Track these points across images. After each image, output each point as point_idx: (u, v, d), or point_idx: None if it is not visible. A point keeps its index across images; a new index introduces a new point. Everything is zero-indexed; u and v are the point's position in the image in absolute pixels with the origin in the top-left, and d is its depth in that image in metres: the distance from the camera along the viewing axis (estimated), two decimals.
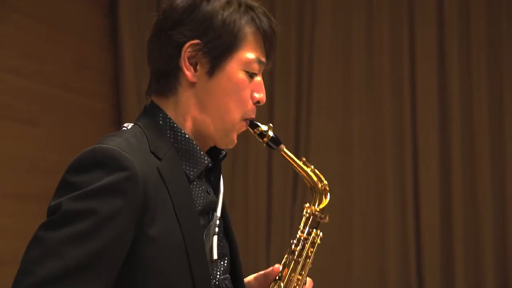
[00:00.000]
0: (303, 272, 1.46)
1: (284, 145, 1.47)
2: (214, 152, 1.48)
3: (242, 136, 1.49)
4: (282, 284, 1.44)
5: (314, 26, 4.12)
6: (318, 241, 1.48)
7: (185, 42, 1.37)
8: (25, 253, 1.22)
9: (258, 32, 1.42)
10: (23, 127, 3.26)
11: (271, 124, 1.47)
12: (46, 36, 3.44)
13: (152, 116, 1.40)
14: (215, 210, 1.42)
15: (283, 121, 4.07)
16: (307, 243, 1.47)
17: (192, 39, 1.37)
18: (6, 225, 3.06)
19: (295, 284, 1.46)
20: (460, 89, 3.91)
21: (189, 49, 1.37)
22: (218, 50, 1.38)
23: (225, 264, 1.44)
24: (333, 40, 4.11)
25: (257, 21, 1.42)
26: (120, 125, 1.42)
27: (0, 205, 3.08)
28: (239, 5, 1.41)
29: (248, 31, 1.41)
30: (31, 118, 3.32)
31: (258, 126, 1.46)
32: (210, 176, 1.47)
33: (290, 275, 1.46)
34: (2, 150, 3.10)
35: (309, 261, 1.47)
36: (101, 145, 1.27)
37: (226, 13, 1.39)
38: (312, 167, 1.52)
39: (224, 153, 1.49)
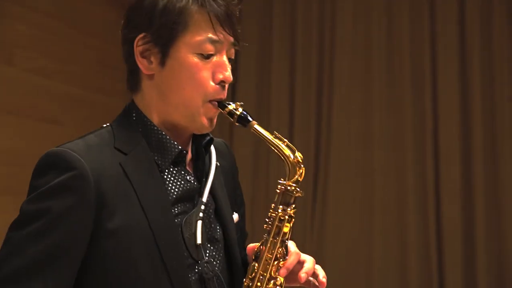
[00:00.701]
0: (273, 251, 1.43)
1: (305, 141, 1.45)
2: (201, 139, 1.48)
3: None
4: (256, 264, 1.44)
5: (334, 23, 4.11)
6: (287, 217, 1.44)
7: (135, 38, 1.39)
8: None
9: (203, 9, 1.37)
10: (46, 125, 3.30)
11: (239, 102, 1.43)
12: (67, 36, 3.47)
13: (127, 114, 1.44)
14: (201, 196, 1.43)
15: (305, 118, 4.06)
16: (276, 220, 1.44)
17: (140, 33, 1.38)
18: None
19: (267, 264, 1.44)
20: (481, 85, 3.88)
21: (139, 43, 1.39)
22: (164, 39, 1.37)
23: (215, 248, 1.45)
24: (353, 37, 4.11)
25: None
26: None
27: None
28: None
29: (193, 11, 1.37)
30: (54, 117, 3.35)
31: (226, 106, 1.42)
32: (198, 163, 1.48)
33: (265, 254, 1.44)
34: (25, 148, 3.13)
35: (279, 238, 1.44)
36: (54, 148, 1.34)
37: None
38: (286, 140, 1.45)
39: (208, 138, 1.49)
